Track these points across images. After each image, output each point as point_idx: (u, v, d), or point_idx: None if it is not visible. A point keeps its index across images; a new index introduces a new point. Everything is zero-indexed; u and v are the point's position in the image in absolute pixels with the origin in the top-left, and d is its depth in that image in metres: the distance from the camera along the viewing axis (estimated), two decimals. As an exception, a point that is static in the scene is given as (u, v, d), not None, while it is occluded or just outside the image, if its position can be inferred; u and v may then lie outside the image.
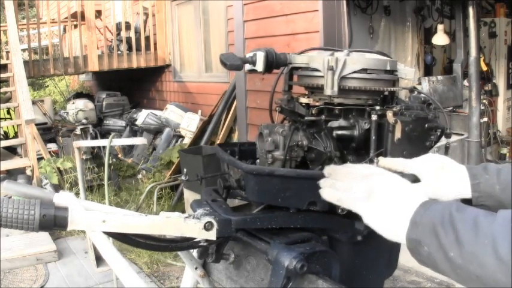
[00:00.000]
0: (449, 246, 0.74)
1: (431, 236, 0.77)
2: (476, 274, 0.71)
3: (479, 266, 0.71)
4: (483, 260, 0.70)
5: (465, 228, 0.73)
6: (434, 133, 1.09)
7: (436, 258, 0.77)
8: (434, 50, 6.47)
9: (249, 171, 1.02)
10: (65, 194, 1.05)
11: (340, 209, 1.03)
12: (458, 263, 0.73)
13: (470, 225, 0.73)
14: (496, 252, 0.69)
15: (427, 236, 0.78)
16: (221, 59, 1.02)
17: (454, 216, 0.76)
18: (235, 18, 4.94)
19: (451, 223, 0.75)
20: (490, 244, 0.70)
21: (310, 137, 1.10)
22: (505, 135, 5.96)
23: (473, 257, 0.71)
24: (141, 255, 3.97)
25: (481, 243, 0.71)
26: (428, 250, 0.78)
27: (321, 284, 0.99)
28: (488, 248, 0.70)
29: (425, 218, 0.79)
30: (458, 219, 0.75)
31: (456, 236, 0.73)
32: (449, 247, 0.74)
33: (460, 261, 0.73)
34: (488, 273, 0.70)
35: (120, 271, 1.00)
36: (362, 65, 1.01)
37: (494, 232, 0.70)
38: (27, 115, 5.35)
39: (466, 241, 0.72)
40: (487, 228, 0.71)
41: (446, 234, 0.75)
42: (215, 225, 0.99)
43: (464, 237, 0.73)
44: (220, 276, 1.26)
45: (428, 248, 0.77)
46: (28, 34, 7.23)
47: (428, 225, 0.78)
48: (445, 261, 0.75)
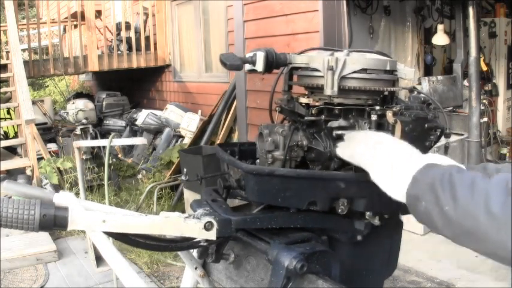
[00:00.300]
0: (445, 201, 0.78)
1: (430, 192, 0.81)
2: (468, 228, 0.75)
3: (472, 220, 0.74)
4: (475, 214, 0.73)
5: (462, 185, 0.77)
6: (434, 133, 1.09)
7: (432, 213, 0.81)
8: (434, 50, 6.47)
9: (249, 171, 1.02)
10: (65, 194, 1.05)
11: (340, 208, 1.03)
12: (452, 217, 0.77)
13: (468, 183, 0.77)
14: (487, 208, 0.72)
15: (426, 192, 0.82)
16: (221, 59, 1.02)
17: (454, 175, 0.80)
18: (235, 18, 4.94)
19: (449, 181, 0.79)
20: (483, 200, 0.73)
21: (310, 137, 1.10)
22: (505, 135, 5.96)
23: (466, 212, 0.75)
24: (141, 255, 3.97)
25: (475, 199, 0.74)
26: (425, 205, 0.82)
27: (321, 284, 0.99)
28: (481, 204, 0.73)
29: (427, 176, 0.84)
30: (457, 178, 0.79)
31: (453, 192, 0.77)
32: (445, 202, 0.78)
33: (454, 216, 0.77)
34: (479, 227, 0.73)
35: (120, 271, 1.00)
36: (362, 65, 1.01)
37: (488, 190, 0.74)
38: (27, 115, 5.35)
39: (461, 197, 0.76)
40: (482, 186, 0.75)
41: (444, 190, 0.79)
42: (215, 225, 0.99)
43: (460, 193, 0.77)
44: (220, 276, 1.26)
45: (425, 203, 0.82)
46: (28, 34, 7.24)
47: (428, 182, 0.82)
48: (440, 215, 0.79)
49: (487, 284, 3.30)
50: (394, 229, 1.22)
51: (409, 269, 3.55)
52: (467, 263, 3.60)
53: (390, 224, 1.14)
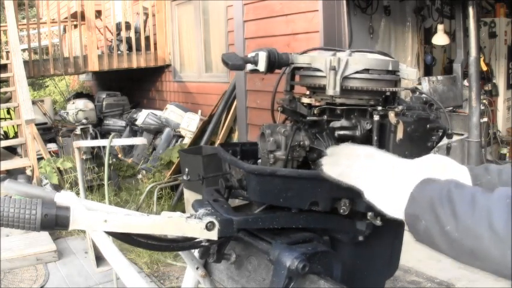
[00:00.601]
0: (446, 220, 0.75)
1: (429, 210, 0.78)
2: (471, 248, 0.72)
3: (474, 239, 0.71)
4: (478, 233, 0.71)
5: (462, 202, 0.75)
6: (436, 133, 1.09)
7: (433, 233, 0.78)
8: (434, 50, 6.47)
9: (251, 171, 1.02)
10: (67, 194, 1.04)
11: (341, 209, 1.03)
12: (454, 237, 0.74)
13: (468, 200, 0.74)
14: (490, 226, 0.70)
15: (425, 211, 0.79)
16: (223, 58, 1.02)
17: (453, 191, 0.77)
18: (235, 18, 4.94)
19: (448, 198, 0.76)
20: (485, 218, 0.71)
21: (312, 137, 1.10)
22: (505, 135, 5.96)
23: (468, 230, 0.72)
24: (141, 255, 3.96)
25: (477, 217, 0.72)
26: (425, 224, 0.79)
27: (322, 284, 0.99)
28: (483, 222, 0.71)
29: (424, 193, 0.81)
30: (456, 195, 0.76)
31: (453, 210, 0.75)
32: (446, 221, 0.75)
33: (456, 235, 0.74)
34: (482, 246, 0.71)
35: (122, 271, 1.00)
36: (364, 65, 1.01)
37: (490, 206, 0.71)
38: (27, 115, 5.34)
39: (462, 215, 0.73)
40: (484, 202, 0.73)
41: (444, 208, 0.76)
42: (217, 225, 0.99)
43: (460, 211, 0.74)
44: (222, 276, 1.26)
45: (425, 222, 0.79)
46: (28, 34, 7.23)
47: (426, 200, 0.79)
48: (441, 235, 0.76)
49: (487, 284, 3.30)
50: (395, 229, 1.22)
51: (409, 269, 3.55)
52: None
53: (392, 224, 1.14)
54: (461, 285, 3.32)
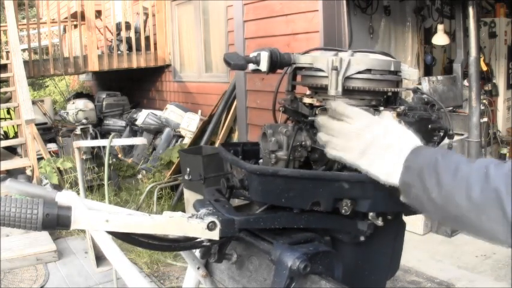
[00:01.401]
0: (431, 188, 0.81)
1: (418, 179, 0.84)
2: (453, 214, 0.79)
3: (455, 206, 0.77)
4: (458, 200, 0.77)
5: (446, 172, 0.80)
6: (438, 134, 1.09)
7: (422, 200, 0.84)
8: (434, 50, 6.47)
9: (253, 171, 1.02)
10: (68, 193, 1.04)
11: (343, 209, 1.03)
12: (438, 203, 0.80)
13: (452, 169, 0.80)
14: (468, 194, 0.75)
15: (415, 179, 0.85)
16: (225, 58, 1.02)
17: (439, 161, 0.82)
18: (235, 18, 4.94)
19: (434, 167, 0.82)
20: (464, 186, 0.76)
21: (313, 137, 1.10)
22: (505, 135, 5.96)
23: (450, 198, 0.78)
24: (141, 255, 3.97)
25: (457, 185, 0.78)
26: (415, 192, 0.85)
27: (323, 284, 0.99)
28: (462, 190, 0.77)
29: (416, 162, 0.86)
30: (441, 164, 0.81)
31: (437, 178, 0.80)
32: (432, 189, 0.81)
33: (440, 202, 0.80)
34: (462, 212, 0.77)
35: (123, 271, 1.00)
36: (366, 65, 1.01)
37: (470, 176, 0.77)
38: (27, 115, 5.34)
39: (445, 183, 0.79)
40: (465, 172, 0.78)
41: (430, 177, 0.82)
42: (218, 225, 0.99)
43: (444, 180, 0.80)
44: (223, 276, 1.26)
45: (415, 190, 0.85)
46: (28, 34, 7.23)
47: (416, 169, 0.85)
48: (428, 202, 0.83)
49: (487, 284, 3.31)
50: (397, 230, 1.22)
51: (409, 269, 3.55)
52: (467, 263, 3.60)
53: (393, 224, 1.14)
54: (461, 285, 3.32)
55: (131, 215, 0.98)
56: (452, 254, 3.75)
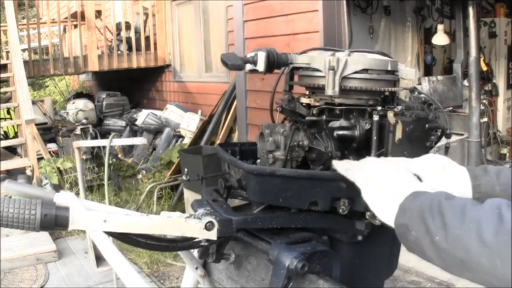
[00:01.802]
0: (435, 230, 0.76)
1: (419, 221, 0.79)
2: (461, 258, 0.73)
3: (464, 250, 0.72)
4: (467, 243, 0.71)
5: (452, 213, 0.75)
6: (435, 133, 1.09)
7: (423, 243, 0.78)
8: (434, 50, 6.47)
9: (250, 171, 1.02)
10: (66, 194, 1.04)
11: (341, 208, 1.03)
12: (443, 247, 0.75)
13: (458, 211, 0.75)
14: (479, 236, 0.70)
15: (414, 222, 0.80)
16: (222, 58, 1.02)
17: (443, 203, 0.78)
18: (235, 18, 4.94)
19: (439, 209, 0.77)
20: (474, 228, 0.71)
21: (311, 137, 1.10)
22: (505, 135, 5.96)
23: (457, 241, 0.73)
24: (141, 255, 3.97)
25: (466, 227, 0.72)
26: (415, 235, 0.80)
27: (321, 284, 0.99)
28: (472, 232, 0.71)
29: (414, 204, 0.82)
30: (446, 206, 0.77)
31: (443, 220, 0.75)
32: (436, 232, 0.76)
33: (445, 245, 0.74)
34: (471, 257, 0.71)
35: (122, 271, 1.00)
36: (363, 65, 1.01)
37: (480, 217, 0.71)
38: (27, 115, 5.35)
39: (451, 226, 0.74)
40: (473, 213, 0.73)
41: (434, 219, 0.77)
42: (216, 225, 0.99)
43: (450, 222, 0.74)
44: (221, 276, 1.26)
45: (415, 233, 0.80)
46: (28, 34, 7.23)
47: (416, 211, 0.80)
48: (431, 246, 0.77)
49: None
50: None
51: (409, 269, 3.55)
52: (467, 263, 3.60)
53: (391, 224, 1.14)
54: (461, 285, 3.32)
55: (129, 215, 0.99)
56: (452, 254, 3.74)
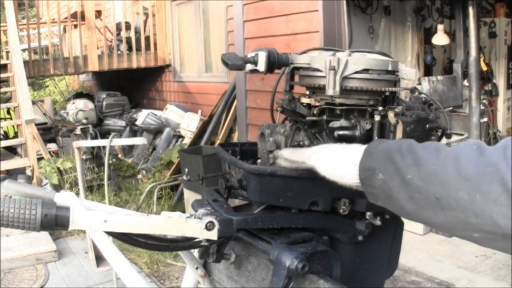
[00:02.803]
0: (406, 169, 0.72)
1: (387, 162, 0.75)
2: (436, 195, 0.68)
3: (440, 184, 0.67)
4: (444, 178, 0.67)
5: (425, 151, 0.72)
6: (435, 133, 1.09)
7: (391, 185, 0.74)
8: (434, 50, 6.47)
9: (251, 171, 1.02)
10: (66, 194, 1.04)
11: (341, 208, 1.03)
12: (416, 185, 0.70)
13: (432, 149, 0.72)
14: (458, 169, 0.66)
15: (381, 163, 0.76)
16: (223, 59, 1.02)
17: (413, 144, 0.75)
18: (235, 18, 4.94)
19: (409, 149, 0.74)
20: (452, 163, 0.67)
21: (311, 137, 1.10)
22: (505, 135, 5.96)
23: (433, 177, 0.68)
24: (141, 255, 3.97)
25: (443, 162, 0.68)
26: (382, 178, 0.76)
27: (322, 284, 0.99)
28: (449, 166, 0.67)
29: (381, 147, 0.79)
30: (417, 146, 0.74)
31: (415, 158, 0.72)
32: (407, 170, 0.72)
33: (419, 183, 0.70)
34: (449, 192, 0.66)
35: (122, 271, 1.00)
36: (364, 65, 1.01)
37: (457, 152, 0.68)
38: (27, 115, 5.35)
39: (426, 162, 0.70)
40: (449, 150, 0.70)
41: (404, 158, 0.73)
42: (216, 225, 0.99)
43: (424, 159, 0.71)
44: (221, 276, 1.26)
45: (383, 174, 0.76)
46: (28, 34, 7.23)
47: (383, 153, 0.77)
48: (401, 186, 0.72)
49: (487, 284, 3.30)
50: (395, 229, 1.22)
51: (409, 269, 3.55)
52: (467, 263, 3.60)
53: (391, 224, 1.14)
54: (461, 285, 3.32)
55: (129, 215, 0.99)
56: (452, 254, 3.75)
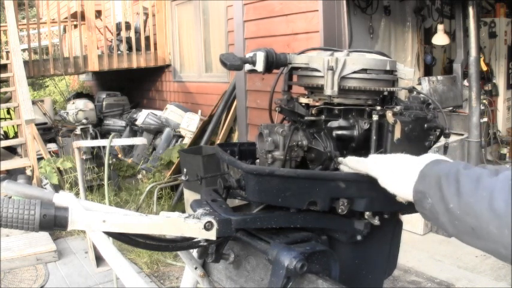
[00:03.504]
0: (450, 197, 0.78)
1: (436, 187, 0.81)
2: (472, 226, 0.74)
3: (475, 217, 0.73)
4: (479, 211, 0.73)
5: (467, 181, 0.77)
6: (434, 133, 1.09)
7: (438, 210, 0.80)
8: (434, 50, 6.47)
9: (250, 171, 1.02)
10: (65, 194, 1.05)
11: (340, 208, 1.04)
12: (456, 214, 0.76)
13: (473, 179, 0.76)
14: (491, 205, 0.71)
15: (432, 188, 0.82)
16: (221, 59, 1.02)
17: (460, 171, 0.79)
18: (235, 18, 4.94)
19: (455, 177, 0.79)
20: (487, 197, 0.72)
21: (310, 137, 1.10)
22: (505, 135, 5.96)
23: (469, 208, 0.74)
24: (141, 255, 3.97)
25: (479, 195, 0.74)
26: (431, 202, 0.81)
27: (320, 283, 0.99)
28: (484, 201, 0.72)
29: (434, 171, 0.84)
30: (462, 174, 0.78)
31: (457, 188, 0.77)
32: (450, 198, 0.78)
33: (458, 213, 0.76)
34: (482, 224, 0.72)
35: (121, 271, 1.00)
36: (362, 65, 1.01)
37: (493, 186, 0.73)
38: (27, 115, 5.35)
39: (465, 193, 0.76)
40: (488, 183, 0.74)
41: (449, 186, 0.78)
42: (215, 225, 0.99)
43: (464, 189, 0.76)
44: (220, 276, 1.26)
45: (431, 199, 0.81)
46: (28, 34, 7.23)
47: (434, 178, 0.82)
48: (445, 212, 0.79)
49: (487, 284, 3.30)
50: (393, 229, 1.22)
51: (409, 269, 3.55)
52: (467, 263, 3.60)
53: (390, 223, 1.14)
54: (461, 285, 3.32)
55: (128, 215, 0.99)
56: (452, 254, 3.74)
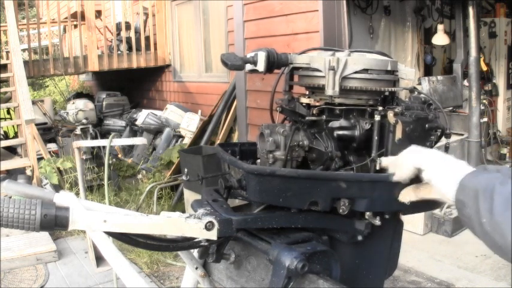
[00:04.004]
0: (483, 213, 0.82)
1: (473, 200, 0.85)
2: (498, 243, 0.79)
3: (502, 236, 0.78)
4: (506, 231, 0.77)
5: (500, 200, 0.80)
6: (435, 133, 1.09)
7: (474, 221, 0.85)
8: (434, 50, 6.47)
9: (251, 171, 1.02)
10: (66, 194, 1.04)
11: (341, 208, 1.03)
12: (487, 230, 0.81)
13: (506, 198, 0.80)
14: None
15: (470, 199, 0.86)
16: (222, 59, 1.02)
17: (496, 188, 0.82)
18: (235, 18, 4.94)
19: (490, 193, 0.82)
20: None
21: (311, 137, 1.10)
22: (505, 135, 5.96)
23: (498, 227, 0.79)
24: (141, 255, 3.96)
25: (507, 216, 0.78)
26: (469, 212, 0.86)
27: (321, 283, 0.99)
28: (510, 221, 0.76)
29: (472, 183, 0.87)
30: (497, 191, 0.82)
31: (491, 204, 0.81)
32: (484, 214, 0.82)
33: (489, 228, 0.81)
34: (507, 243, 0.77)
35: (121, 271, 1.00)
36: (363, 65, 1.01)
37: None
38: (27, 115, 5.34)
39: (496, 211, 0.80)
40: None
41: (485, 201, 0.82)
42: (216, 225, 0.99)
43: (496, 207, 0.80)
44: (221, 276, 1.26)
45: (469, 210, 0.86)
46: (28, 34, 7.23)
47: (472, 190, 0.86)
48: (479, 225, 0.83)
49: (487, 284, 3.30)
50: (394, 229, 1.22)
51: (409, 269, 3.55)
52: (467, 263, 3.60)
53: (390, 224, 1.14)
54: (461, 285, 3.32)
55: (129, 215, 0.99)
56: (452, 254, 3.74)
